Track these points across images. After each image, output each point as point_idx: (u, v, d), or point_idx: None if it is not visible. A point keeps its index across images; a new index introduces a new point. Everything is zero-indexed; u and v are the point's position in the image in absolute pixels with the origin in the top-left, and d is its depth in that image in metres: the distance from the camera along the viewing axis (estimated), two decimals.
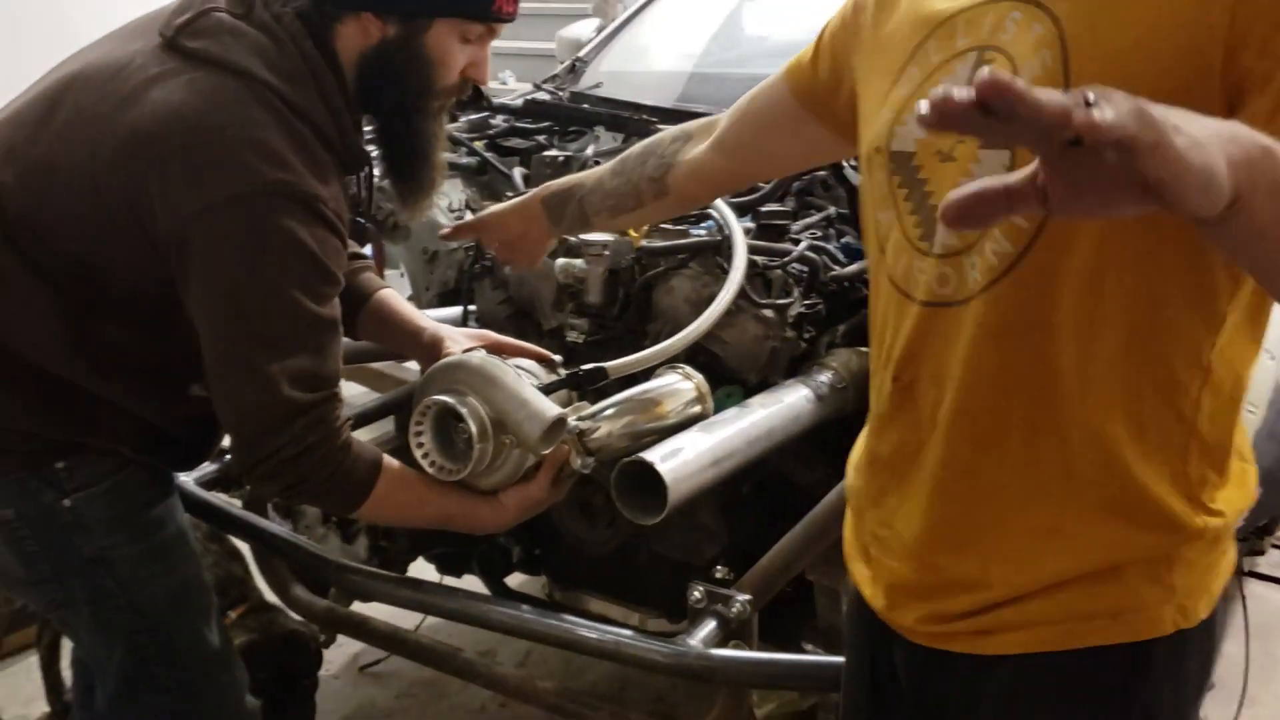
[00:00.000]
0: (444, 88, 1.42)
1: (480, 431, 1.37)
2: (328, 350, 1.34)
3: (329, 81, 1.36)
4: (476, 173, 2.29)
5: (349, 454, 1.36)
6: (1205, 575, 0.94)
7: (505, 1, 1.39)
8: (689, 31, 2.99)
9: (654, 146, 1.40)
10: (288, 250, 1.27)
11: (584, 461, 1.46)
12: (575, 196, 1.48)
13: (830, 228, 1.93)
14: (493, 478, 1.43)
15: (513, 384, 1.39)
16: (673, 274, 1.77)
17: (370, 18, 1.36)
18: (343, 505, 1.43)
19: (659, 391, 1.52)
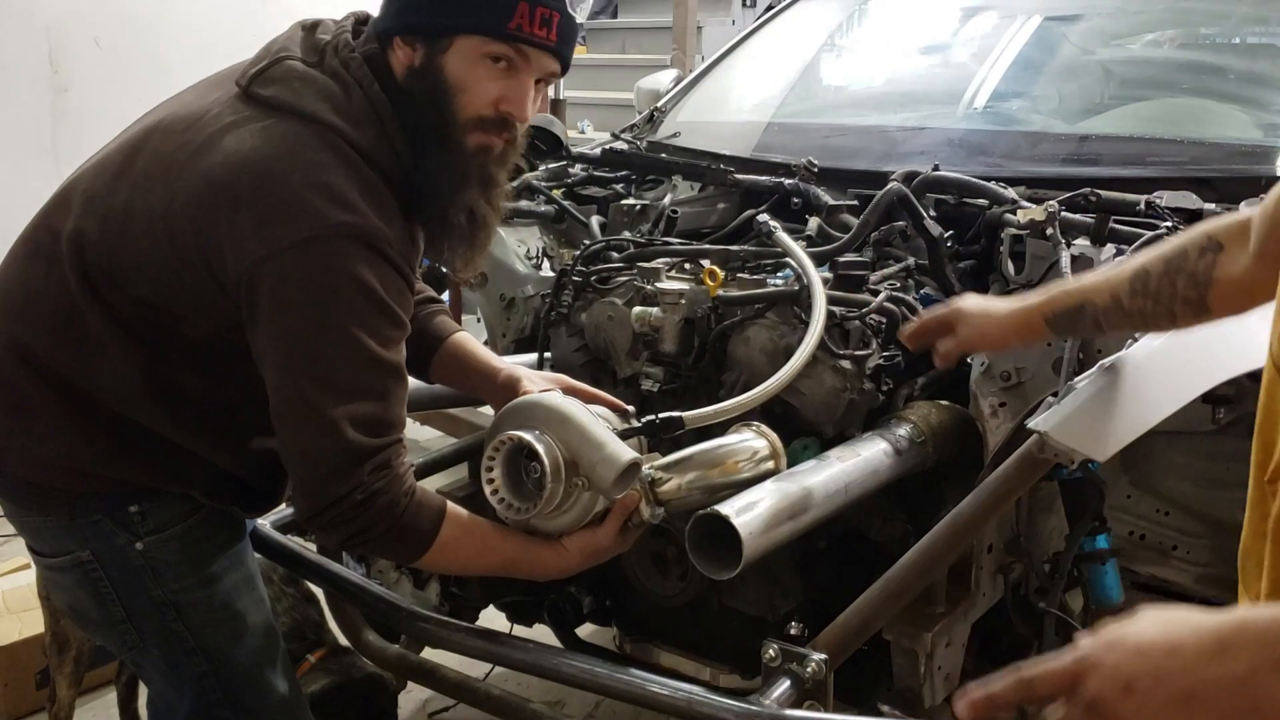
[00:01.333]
0: (469, 118, 1.37)
1: (554, 469, 1.35)
2: (393, 395, 1.33)
3: (393, 123, 1.36)
4: (554, 220, 2.31)
5: (413, 501, 1.35)
6: None
7: (530, 20, 1.33)
8: (766, 82, 3.00)
9: (1179, 262, 1.24)
10: (354, 292, 1.28)
11: (653, 511, 1.44)
12: (1088, 314, 1.34)
13: (909, 279, 1.90)
14: (560, 520, 1.42)
15: (589, 425, 1.38)
16: (749, 324, 1.75)
17: (400, 41, 1.37)
18: (407, 554, 1.42)
19: (732, 447, 1.51)
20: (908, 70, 2.88)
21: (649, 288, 1.83)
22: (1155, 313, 1.27)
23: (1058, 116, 2.38)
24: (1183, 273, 1.23)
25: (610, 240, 2.05)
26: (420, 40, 1.36)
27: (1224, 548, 1.88)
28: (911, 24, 3.00)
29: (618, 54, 7.01)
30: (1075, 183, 1.92)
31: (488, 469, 1.40)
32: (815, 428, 1.72)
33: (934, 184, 2.02)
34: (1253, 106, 2.33)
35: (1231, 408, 1.69)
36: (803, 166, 2.21)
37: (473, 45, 1.34)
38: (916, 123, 2.46)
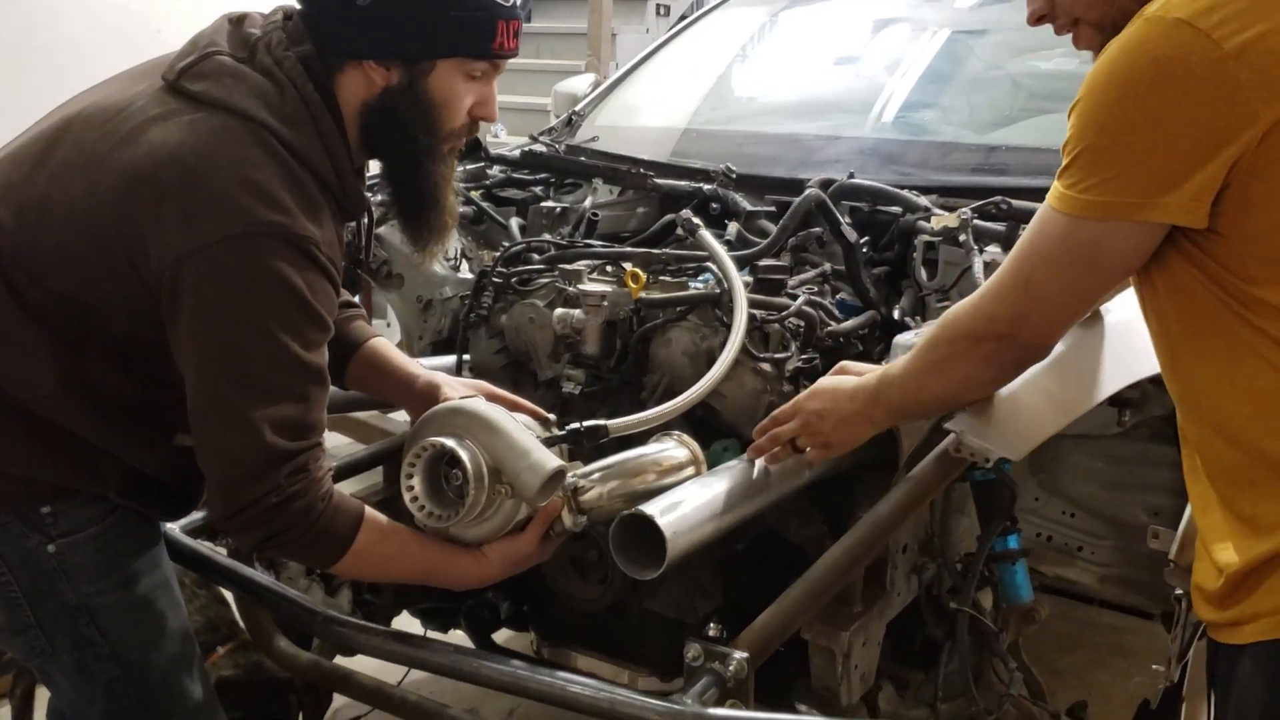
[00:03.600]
0: (452, 129, 1.42)
1: (477, 476, 1.34)
2: (314, 398, 1.32)
3: (329, 126, 1.35)
4: (473, 222, 2.29)
5: (330, 505, 1.33)
6: None
7: (507, 37, 1.38)
8: (682, 89, 3.02)
9: None
10: (279, 294, 1.26)
11: (575, 520, 1.44)
12: None
13: (826, 283, 1.93)
14: (481, 528, 1.41)
15: (514, 432, 1.37)
16: (671, 326, 1.76)
17: (373, 65, 1.36)
18: (323, 558, 1.40)
19: (654, 456, 1.51)
20: (821, 80, 2.92)
21: (571, 289, 1.82)
22: None
23: (968, 127, 2.44)
24: None
25: (531, 242, 2.04)
26: (399, 62, 1.36)
27: (1127, 549, 1.95)
28: (824, 35, 3.05)
29: (531, 59, 6.97)
30: (985, 191, 1.97)
31: (408, 475, 1.38)
32: (736, 429, 1.73)
33: (850, 191, 2.05)
34: None
35: (1136, 410, 1.75)
36: (721, 172, 2.23)
37: (455, 65, 1.37)
38: (831, 131, 2.50)
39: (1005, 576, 1.68)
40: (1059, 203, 1.14)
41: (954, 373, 1.30)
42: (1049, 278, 1.18)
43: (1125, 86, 1.06)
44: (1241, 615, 1.12)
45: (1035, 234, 1.18)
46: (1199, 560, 1.20)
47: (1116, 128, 1.07)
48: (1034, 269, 1.18)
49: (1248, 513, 1.11)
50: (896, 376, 1.36)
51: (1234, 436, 1.11)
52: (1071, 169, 1.12)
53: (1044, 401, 1.41)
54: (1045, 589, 2.00)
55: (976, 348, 1.26)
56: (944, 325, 1.31)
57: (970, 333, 1.26)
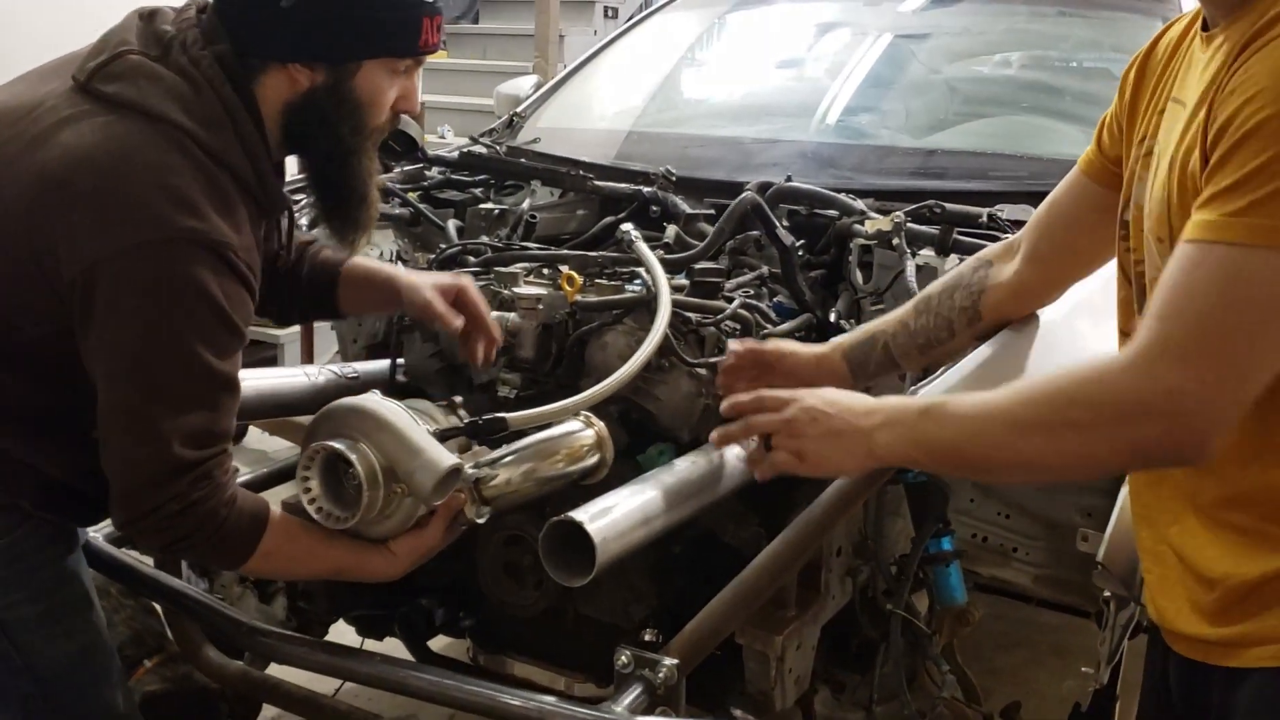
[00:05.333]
0: (376, 125, 1.41)
1: (370, 479, 1.33)
2: (224, 406, 1.30)
3: (248, 126, 1.33)
4: (410, 224, 2.26)
5: (234, 508, 1.32)
6: None
7: (430, 33, 1.38)
8: (626, 92, 3.02)
9: (955, 280, 1.47)
10: (194, 301, 1.24)
11: (479, 510, 1.43)
12: (879, 343, 1.50)
13: (763, 286, 1.93)
14: (383, 526, 1.40)
15: (407, 430, 1.35)
16: (606, 329, 1.75)
17: (297, 67, 1.34)
18: (229, 561, 1.40)
19: (558, 439, 1.50)
20: (764, 84, 2.94)
21: (506, 293, 1.80)
22: (936, 326, 1.47)
23: (905, 132, 2.46)
24: (959, 287, 1.46)
25: (467, 244, 2.02)
26: (324, 64, 1.34)
27: (1059, 549, 1.97)
28: (768, 39, 3.06)
29: (479, 59, 6.94)
30: (921, 195, 1.98)
31: (304, 479, 1.37)
32: (671, 433, 1.72)
33: (787, 195, 2.06)
34: (1087, 125, 2.45)
35: None
36: (661, 175, 2.22)
37: (381, 64, 1.37)
38: (772, 135, 2.51)
39: (939, 578, 1.69)
40: (1266, 238, 0.91)
41: (1074, 444, 1.01)
42: (1258, 334, 0.93)
43: None
44: (1245, 636, 1.03)
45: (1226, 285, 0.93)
46: (1162, 567, 1.14)
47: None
48: (1234, 327, 0.93)
49: (1253, 526, 1.03)
50: (960, 415, 1.09)
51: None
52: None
53: None
54: (981, 588, 2.01)
55: (1131, 425, 0.97)
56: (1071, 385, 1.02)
57: (1133, 405, 0.97)
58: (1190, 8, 2.50)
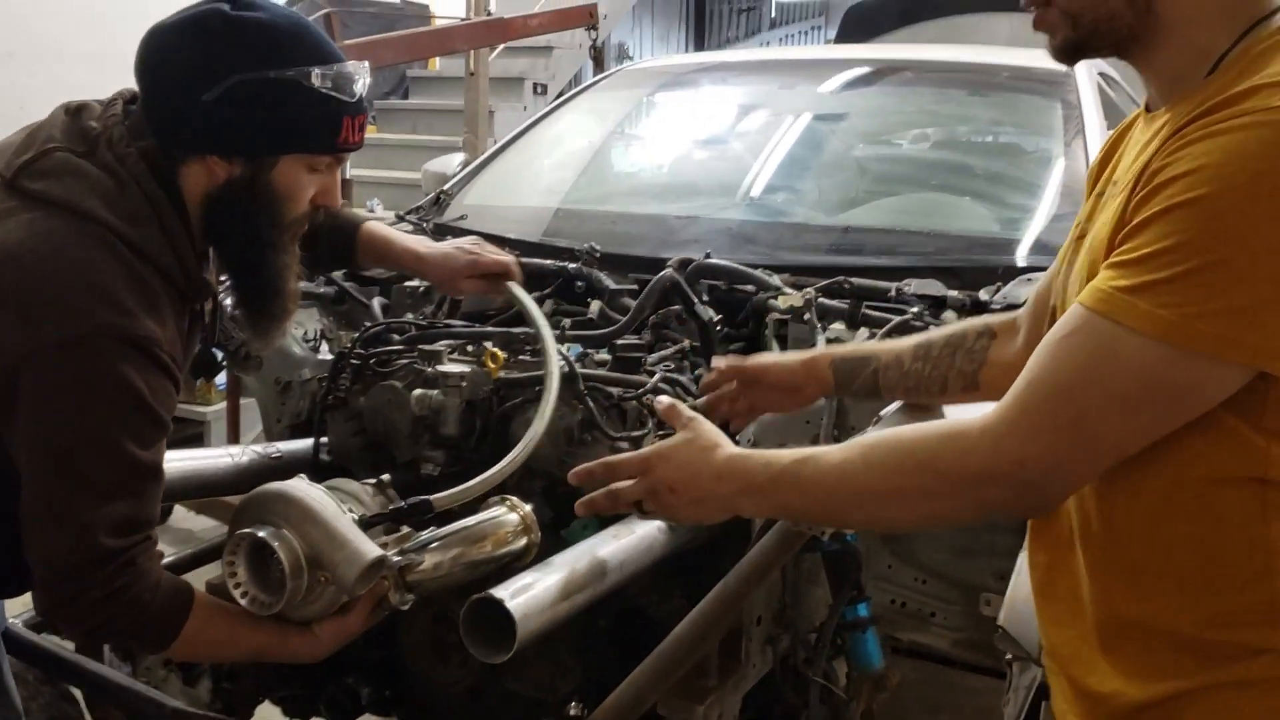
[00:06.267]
0: (294, 219, 1.44)
1: (294, 569, 1.35)
2: (147, 495, 1.32)
3: (173, 220, 1.35)
4: (335, 302, 2.28)
5: (158, 594, 1.33)
6: None
7: (351, 132, 1.41)
8: (553, 169, 3.08)
9: (958, 340, 1.42)
10: (117, 395, 1.26)
11: (402, 598, 1.45)
12: (870, 367, 1.47)
13: (684, 359, 1.98)
14: (307, 610, 1.41)
15: (332, 520, 1.37)
16: (530, 405, 1.78)
17: (215, 160, 1.37)
18: (152, 644, 1.41)
19: (484, 524, 1.52)
20: (688, 162, 3.02)
21: (430, 370, 1.83)
22: (930, 377, 1.42)
23: (820, 209, 2.56)
24: (961, 349, 1.41)
25: (391, 322, 2.05)
26: (242, 157, 1.37)
27: (975, 613, 2.02)
28: (692, 119, 3.16)
29: (408, 134, 7.01)
30: (834, 271, 2.06)
31: (229, 564, 1.39)
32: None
33: (706, 271, 2.12)
34: (991, 202, 2.57)
35: None
36: (585, 251, 2.28)
37: (299, 159, 1.40)
38: (694, 212, 2.58)
39: (856, 644, 1.73)
40: (1149, 325, 0.89)
41: (924, 508, 1.04)
42: (1114, 416, 0.93)
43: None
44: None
45: (1094, 361, 0.93)
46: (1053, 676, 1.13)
47: (1265, 249, 0.86)
48: (1092, 405, 0.93)
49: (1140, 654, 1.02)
50: (812, 483, 1.09)
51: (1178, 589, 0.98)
52: (1177, 285, 0.88)
53: None
54: (901, 652, 2.05)
55: (978, 489, 1.00)
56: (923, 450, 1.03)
57: (979, 473, 0.99)
58: (1088, 92, 2.66)
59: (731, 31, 11.35)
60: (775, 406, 1.61)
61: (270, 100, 1.35)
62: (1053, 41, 1.07)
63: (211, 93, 1.33)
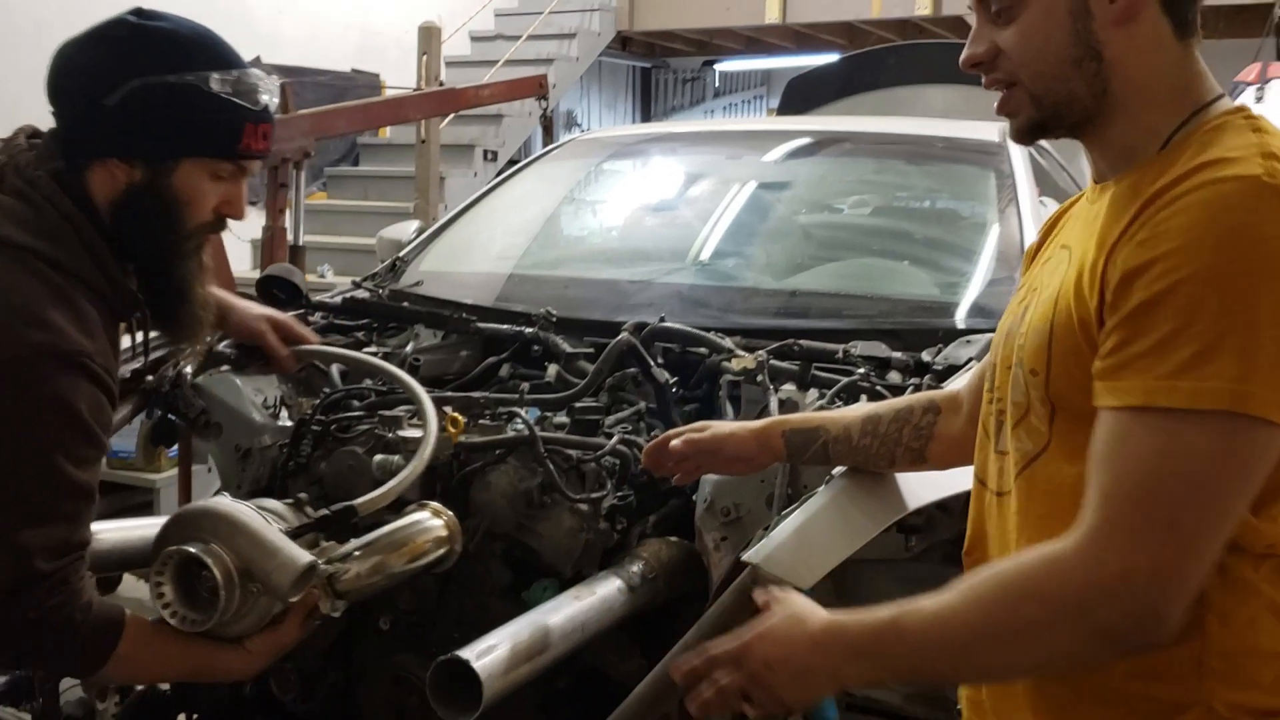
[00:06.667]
0: (196, 226, 1.45)
1: (226, 581, 1.35)
2: (82, 516, 1.33)
3: (91, 234, 1.38)
4: None
5: (89, 614, 1.33)
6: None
7: (255, 138, 1.43)
8: (507, 235, 3.14)
9: (905, 415, 1.44)
10: (51, 416, 1.28)
11: (334, 604, 1.45)
12: (820, 439, 1.50)
13: (640, 421, 2.02)
14: (239, 625, 1.41)
15: (260, 530, 1.38)
16: (490, 469, 1.81)
17: (115, 163, 1.39)
18: (85, 666, 1.39)
19: (408, 529, 1.54)
20: (639, 229, 3.10)
21: (390, 435, 1.86)
22: (878, 453, 1.47)
23: (768, 273, 2.63)
24: (909, 425, 1.45)
25: (350, 389, 2.07)
26: (143, 161, 1.39)
27: None
28: (642, 186, 3.24)
29: (359, 200, 7.05)
30: (783, 333, 2.13)
31: (157, 584, 1.38)
32: (554, 569, 1.78)
33: (661, 334, 2.18)
34: (930, 267, 2.67)
35: (922, 536, 1.88)
36: (542, 316, 2.32)
37: (200, 164, 1.42)
38: (646, 277, 2.65)
39: None
40: (1203, 400, 0.90)
41: (1038, 647, 0.97)
42: (1203, 502, 0.91)
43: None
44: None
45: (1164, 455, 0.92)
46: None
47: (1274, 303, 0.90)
48: (1177, 498, 0.91)
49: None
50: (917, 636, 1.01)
51: None
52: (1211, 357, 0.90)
53: (831, 532, 1.51)
54: (853, 707, 2.09)
55: (1089, 614, 0.93)
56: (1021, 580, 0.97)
57: (1085, 593, 0.93)
58: (1020, 161, 2.77)
59: (677, 100, 11.59)
60: (725, 471, 1.65)
61: (169, 104, 1.37)
62: (1015, 122, 1.11)
63: (112, 96, 1.36)
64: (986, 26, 1.09)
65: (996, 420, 1.16)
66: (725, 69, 11.59)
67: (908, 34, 8.26)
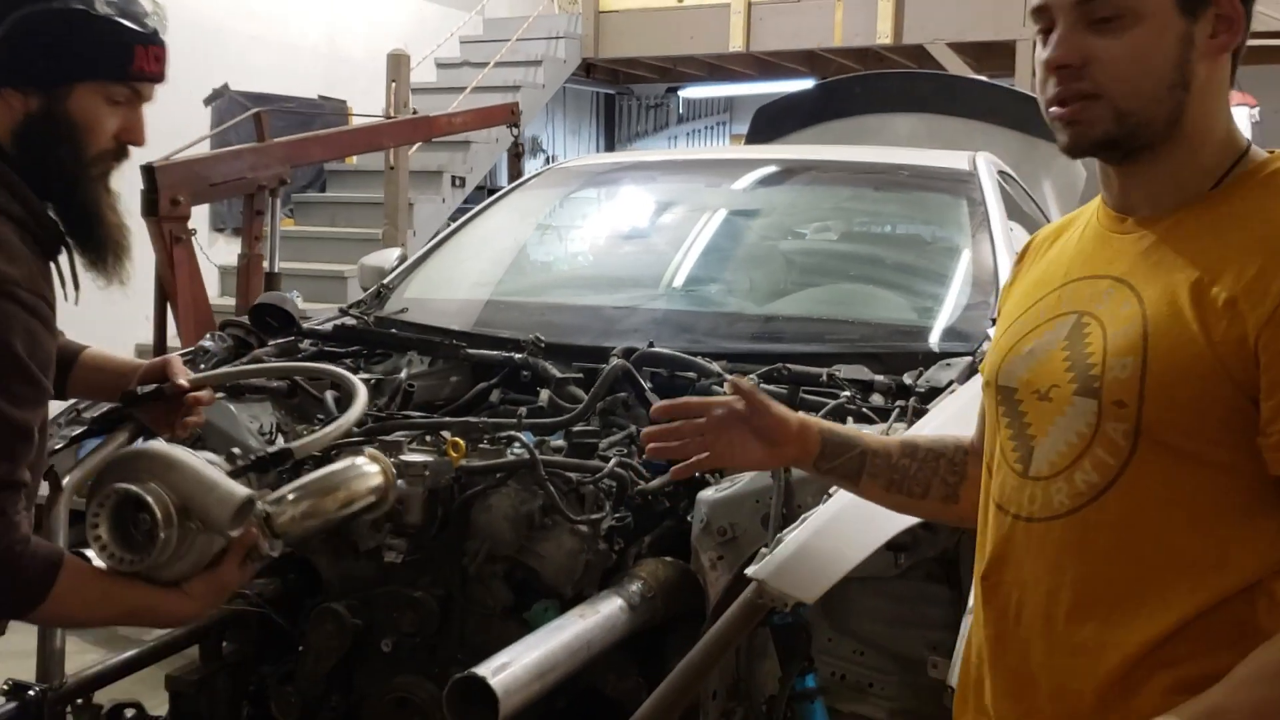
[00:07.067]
0: (97, 153, 1.46)
1: (165, 517, 1.34)
2: (19, 455, 1.31)
3: (1, 166, 1.39)
4: (287, 396, 2.32)
5: (27, 549, 1.31)
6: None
7: (146, 60, 1.44)
8: (487, 263, 3.19)
9: (941, 449, 1.40)
10: None
11: (271, 544, 1.45)
12: (857, 449, 1.40)
13: (633, 444, 2.07)
14: (178, 566, 1.40)
15: (197, 467, 1.38)
16: (491, 492, 1.85)
17: (10, 93, 1.41)
18: (20, 605, 1.36)
19: (345, 472, 1.54)
20: (624, 255, 3.16)
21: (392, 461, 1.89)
22: (916, 477, 1.40)
23: (750, 299, 2.70)
24: (944, 458, 1.40)
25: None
26: (36, 89, 1.41)
27: (912, 682, 2.12)
28: (625, 213, 3.31)
29: (327, 227, 7.06)
30: (767, 357, 2.19)
31: (93, 525, 1.37)
32: (556, 589, 1.82)
33: (650, 359, 2.23)
34: (907, 292, 2.75)
35: (910, 554, 1.95)
36: (531, 342, 2.37)
37: (94, 89, 1.43)
38: (631, 303, 2.70)
39: (805, 714, 1.82)
40: None
41: None
42: None
43: None
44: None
45: None
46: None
47: None
48: None
49: None
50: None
51: None
52: None
53: (831, 549, 1.57)
54: None
55: None
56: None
57: None
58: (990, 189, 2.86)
59: (641, 126, 11.70)
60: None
61: (57, 29, 1.39)
62: (1087, 134, 1.09)
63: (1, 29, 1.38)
64: (1081, 33, 1.07)
65: (1026, 446, 1.15)
66: (689, 95, 11.72)
67: (868, 62, 8.43)
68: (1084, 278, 1.15)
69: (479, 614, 1.87)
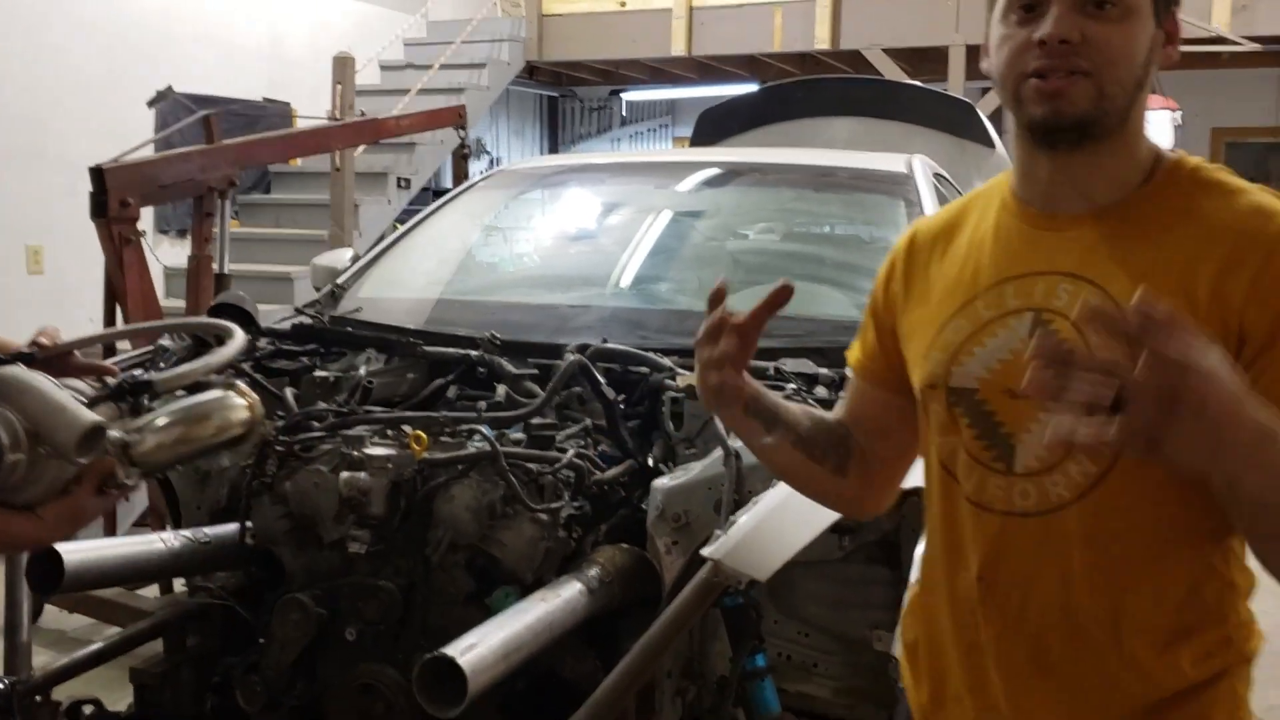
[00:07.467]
0: None
1: (12, 441, 1.31)
2: None
3: None
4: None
5: None
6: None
7: None
8: (439, 263, 3.25)
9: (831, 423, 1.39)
10: None
11: (128, 472, 1.41)
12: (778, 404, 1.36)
13: (589, 437, 2.15)
14: (30, 491, 1.36)
15: (48, 391, 1.35)
16: (453, 483, 1.91)
17: None
18: None
19: (209, 404, 1.50)
20: (576, 254, 3.24)
21: (355, 454, 1.95)
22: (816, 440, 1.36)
23: (698, 297, 2.78)
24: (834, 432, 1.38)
25: (311, 411, 2.15)
26: None
27: (855, 661, 2.23)
28: (577, 213, 3.38)
29: (272, 228, 7.02)
30: None
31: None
32: (516, 576, 1.89)
33: (604, 355, 2.31)
34: (848, 289, 2.86)
35: (854, 537, 2.05)
36: (487, 339, 2.43)
37: None
38: (582, 301, 2.78)
39: (755, 692, 1.91)
40: None
41: None
42: None
43: None
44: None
45: None
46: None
47: None
48: None
49: None
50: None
51: None
52: None
53: (782, 530, 1.66)
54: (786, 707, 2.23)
55: None
56: None
57: None
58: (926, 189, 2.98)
59: (584, 128, 11.75)
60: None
61: None
62: (1069, 110, 1.10)
63: None
64: (1076, 16, 1.10)
65: (1004, 444, 1.15)
66: (631, 98, 11.81)
67: (807, 66, 8.57)
68: (1024, 275, 1.16)
69: (442, 601, 1.93)
